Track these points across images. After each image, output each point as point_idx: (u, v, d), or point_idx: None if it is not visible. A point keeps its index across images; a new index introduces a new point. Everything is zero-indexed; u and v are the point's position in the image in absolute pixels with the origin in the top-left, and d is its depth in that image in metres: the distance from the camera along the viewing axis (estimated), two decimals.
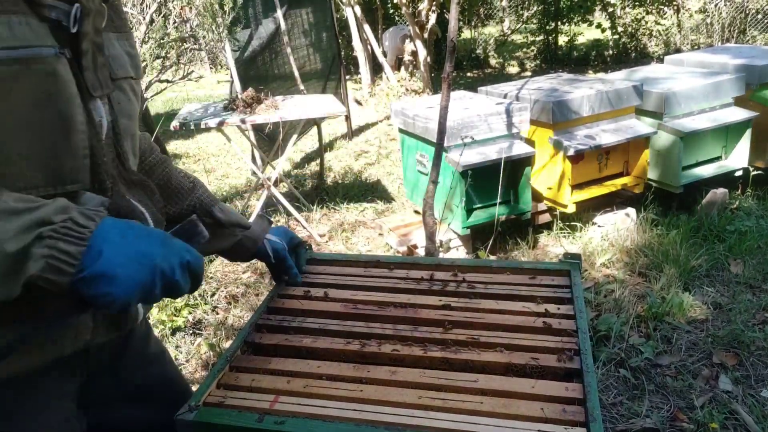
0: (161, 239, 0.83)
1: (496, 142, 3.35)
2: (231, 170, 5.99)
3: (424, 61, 7.95)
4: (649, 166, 3.74)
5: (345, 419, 0.99)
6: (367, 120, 7.66)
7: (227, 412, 1.03)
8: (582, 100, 3.44)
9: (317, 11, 6.36)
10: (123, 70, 0.94)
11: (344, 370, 1.12)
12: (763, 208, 3.80)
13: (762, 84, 3.86)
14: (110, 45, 0.91)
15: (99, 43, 0.85)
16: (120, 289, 0.76)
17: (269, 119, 3.84)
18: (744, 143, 3.83)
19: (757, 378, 2.38)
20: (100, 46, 0.86)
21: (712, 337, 2.64)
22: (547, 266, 1.46)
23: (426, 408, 1.01)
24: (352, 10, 8.24)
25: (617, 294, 2.98)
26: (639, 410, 2.25)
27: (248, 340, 1.24)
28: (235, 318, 3.09)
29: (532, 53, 11.75)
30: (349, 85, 8.05)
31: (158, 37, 3.43)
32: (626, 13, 10.65)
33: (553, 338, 1.18)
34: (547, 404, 1.00)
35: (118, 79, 0.92)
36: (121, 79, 0.93)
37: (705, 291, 3.02)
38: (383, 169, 5.60)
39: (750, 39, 8.57)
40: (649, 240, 3.49)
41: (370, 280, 1.46)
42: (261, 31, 5.72)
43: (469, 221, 3.37)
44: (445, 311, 1.29)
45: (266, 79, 5.77)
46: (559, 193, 3.58)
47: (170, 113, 8.57)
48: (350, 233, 4.17)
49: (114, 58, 0.92)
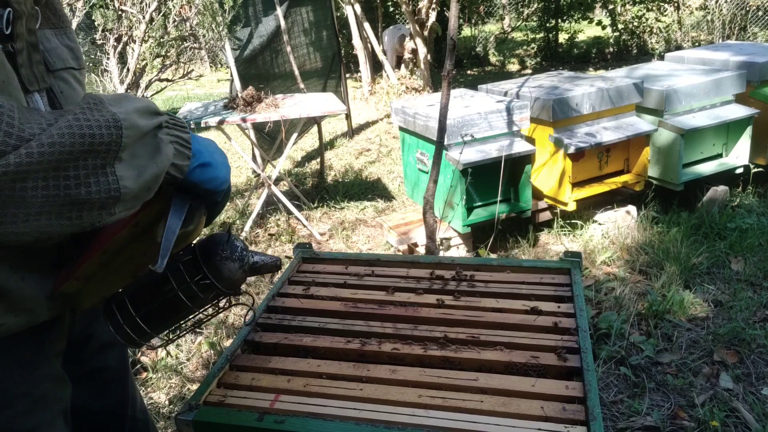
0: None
1: (496, 140, 3.35)
2: (231, 169, 5.99)
3: (425, 59, 7.94)
4: (650, 164, 3.74)
5: (345, 418, 0.99)
6: (367, 118, 7.66)
7: (227, 411, 1.03)
8: (582, 97, 3.43)
9: (317, 9, 6.36)
10: (62, 62, 0.99)
11: (344, 368, 1.12)
12: (763, 205, 3.79)
13: (763, 81, 3.85)
14: (46, 40, 0.97)
15: (33, 42, 0.90)
16: (223, 172, 0.89)
17: (269, 118, 3.83)
18: (745, 140, 3.82)
19: (757, 376, 2.38)
20: (34, 44, 0.91)
21: (712, 334, 2.64)
22: (548, 264, 1.46)
23: (426, 407, 1.01)
24: (352, 8, 8.23)
25: (618, 292, 2.98)
26: (639, 408, 2.25)
27: (248, 338, 1.24)
28: (235, 317, 3.09)
29: (532, 51, 11.73)
30: (350, 84, 8.05)
31: (158, 35, 3.42)
32: (627, 10, 10.62)
33: (553, 336, 1.18)
34: (548, 403, 1.00)
35: (57, 70, 0.98)
36: (60, 70, 0.99)
37: (706, 289, 3.01)
38: (384, 167, 5.60)
39: (751, 36, 8.55)
40: (650, 238, 3.49)
41: (371, 278, 1.46)
42: (261, 30, 5.72)
43: (470, 219, 3.37)
44: (446, 310, 1.29)
45: (266, 77, 5.77)
46: (559, 191, 3.58)
47: (170, 112, 8.57)
48: (351, 232, 4.17)
49: (50, 51, 0.97)
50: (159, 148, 0.79)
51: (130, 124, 0.74)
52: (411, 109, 3.56)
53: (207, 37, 3.64)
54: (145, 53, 3.39)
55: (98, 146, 0.71)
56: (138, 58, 3.33)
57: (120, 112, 0.74)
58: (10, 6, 0.84)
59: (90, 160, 0.71)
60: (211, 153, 0.89)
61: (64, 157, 0.69)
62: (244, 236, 4.05)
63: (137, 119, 0.75)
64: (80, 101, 0.75)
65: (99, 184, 0.72)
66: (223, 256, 0.93)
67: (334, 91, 6.35)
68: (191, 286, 0.92)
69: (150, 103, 0.81)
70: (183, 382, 2.59)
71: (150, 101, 0.82)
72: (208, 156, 0.87)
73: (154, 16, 3.36)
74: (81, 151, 0.70)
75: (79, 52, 1.07)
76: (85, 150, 0.70)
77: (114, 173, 0.73)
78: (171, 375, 2.63)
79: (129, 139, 0.74)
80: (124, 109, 0.75)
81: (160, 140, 0.79)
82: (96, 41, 3.38)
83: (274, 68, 5.96)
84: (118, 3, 3.27)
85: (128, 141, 0.74)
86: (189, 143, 0.84)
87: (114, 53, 3.37)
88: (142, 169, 0.76)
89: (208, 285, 0.93)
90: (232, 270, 0.94)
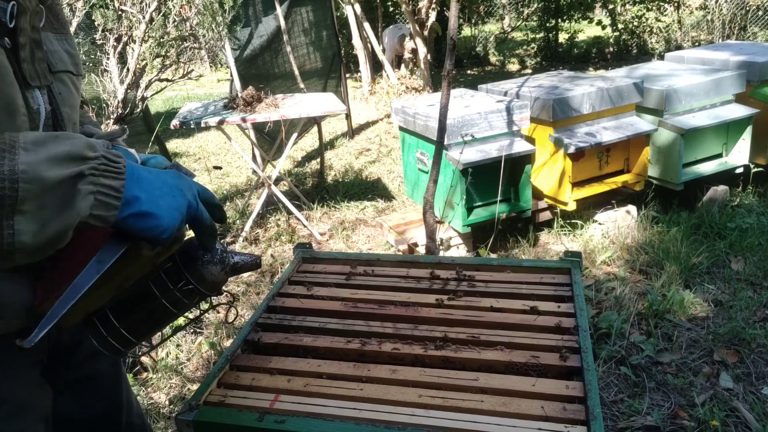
0: (175, 173, 0.89)
1: (496, 140, 3.35)
2: (231, 169, 5.99)
3: (424, 58, 7.94)
4: (650, 164, 3.74)
5: (345, 418, 0.99)
6: (367, 118, 7.66)
7: (228, 411, 1.03)
8: (582, 97, 3.43)
9: (317, 9, 6.36)
10: (62, 64, 1.00)
11: (344, 368, 1.12)
12: (763, 205, 3.79)
13: (763, 81, 3.85)
14: (49, 42, 0.97)
15: (36, 39, 0.91)
16: (166, 220, 0.82)
17: (269, 118, 3.83)
18: (745, 140, 3.82)
19: (758, 375, 2.38)
20: (37, 41, 0.91)
21: (712, 334, 2.64)
22: (548, 264, 1.46)
23: (426, 407, 1.01)
24: (351, 8, 8.23)
25: (618, 291, 2.98)
26: (640, 408, 2.25)
27: (249, 339, 1.24)
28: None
29: (532, 51, 11.73)
30: (350, 84, 8.05)
31: (158, 35, 3.42)
32: (627, 10, 10.63)
33: (553, 336, 1.18)
34: (548, 402, 0.99)
35: (57, 71, 0.98)
36: (60, 72, 0.99)
37: (706, 288, 3.01)
38: (384, 167, 5.60)
39: (751, 35, 8.55)
40: (650, 237, 3.49)
41: (371, 278, 1.46)
42: (261, 30, 5.72)
43: (470, 219, 3.37)
44: (446, 310, 1.29)
45: (266, 77, 5.77)
46: (559, 191, 3.58)
47: (170, 112, 8.57)
48: (351, 231, 4.17)
49: (52, 53, 0.97)
50: (70, 201, 0.74)
51: (32, 177, 0.70)
52: (411, 109, 3.56)
53: (207, 37, 3.63)
54: (145, 53, 3.39)
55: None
56: (138, 58, 3.33)
57: (25, 162, 0.70)
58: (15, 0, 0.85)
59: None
60: (155, 199, 0.82)
61: None
62: (244, 236, 4.05)
63: (44, 170, 0.71)
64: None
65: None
66: (204, 261, 0.93)
67: (334, 91, 6.35)
68: (174, 293, 0.92)
69: (78, 146, 0.76)
70: (183, 382, 2.59)
71: (82, 143, 0.77)
72: (149, 203, 0.81)
73: (154, 16, 3.36)
74: None
75: (78, 60, 1.07)
76: None
77: (11, 226, 0.70)
78: (171, 375, 2.63)
79: (28, 192, 0.70)
80: (35, 157, 0.71)
81: (75, 192, 0.74)
82: (96, 41, 3.38)
83: (274, 68, 5.96)
84: (118, 3, 3.27)
85: (27, 195, 0.70)
86: (119, 192, 0.78)
87: (114, 53, 3.37)
88: (47, 222, 0.72)
89: (191, 290, 0.93)
90: (214, 273, 0.94)
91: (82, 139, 0.78)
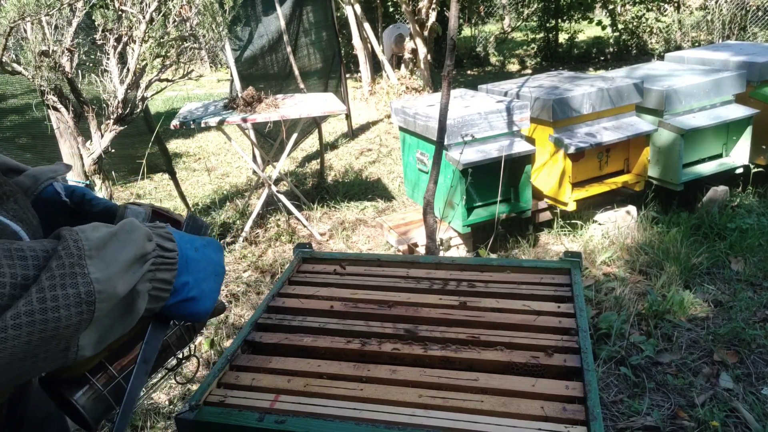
0: (216, 244, 0.86)
1: (496, 140, 3.35)
2: (231, 169, 5.99)
3: (425, 59, 7.94)
4: (650, 164, 3.74)
5: (345, 418, 0.99)
6: (367, 118, 7.66)
7: (228, 411, 1.03)
8: (582, 97, 3.43)
9: (317, 10, 6.36)
10: None
11: (344, 369, 1.12)
12: (763, 205, 3.79)
13: (763, 81, 3.85)
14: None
15: None
16: (206, 304, 0.80)
17: (269, 118, 3.83)
18: (745, 140, 3.82)
19: (757, 376, 2.38)
20: None
21: (712, 334, 2.64)
22: (548, 264, 1.46)
23: (426, 407, 1.01)
24: (352, 8, 8.23)
25: (618, 292, 2.98)
26: (639, 408, 2.25)
27: (249, 339, 1.24)
28: (235, 317, 3.09)
29: (532, 51, 11.73)
30: (350, 84, 8.05)
31: (158, 36, 3.42)
32: (627, 10, 10.63)
33: (553, 336, 1.18)
34: (548, 403, 1.00)
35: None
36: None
37: (706, 289, 3.01)
38: (384, 167, 5.60)
39: (750, 36, 8.54)
40: (650, 238, 3.49)
41: (371, 278, 1.46)
42: (261, 30, 5.72)
43: (470, 219, 3.37)
44: (446, 310, 1.29)
45: (266, 77, 5.77)
46: (559, 191, 3.58)
47: (170, 112, 8.57)
48: (351, 232, 4.17)
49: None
50: (131, 306, 0.68)
51: (107, 295, 0.63)
52: (411, 109, 3.56)
53: (207, 38, 3.63)
54: (145, 53, 3.39)
55: (64, 329, 0.60)
56: (138, 58, 3.33)
57: (99, 281, 0.63)
58: None
59: (53, 345, 0.61)
60: (200, 282, 0.79)
61: (17, 354, 0.57)
62: (244, 236, 4.05)
63: (118, 283, 0.64)
64: (53, 254, 0.62)
65: (55, 362, 0.63)
66: None
67: (334, 91, 6.35)
68: (179, 329, 0.93)
69: (140, 244, 0.69)
70: (183, 382, 2.59)
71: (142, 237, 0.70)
72: (195, 288, 0.78)
73: (154, 16, 3.36)
74: (41, 338, 0.59)
75: None
76: (47, 337, 0.59)
77: (77, 344, 0.63)
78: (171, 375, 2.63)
79: (102, 311, 0.63)
80: (107, 273, 0.64)
81: (136, 294, 0.68)
82: (96, 41, 3.38)
83: (274, 68, 5.96)
84: (118, 3, 3.27)
85: (101, 314, 0.63)
86: (170, 283, 0.73)
87: (114, 53, 3.37)
88: (108, 332, 0.67)
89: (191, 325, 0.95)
90: None
91: (140, 230, 0.71)
